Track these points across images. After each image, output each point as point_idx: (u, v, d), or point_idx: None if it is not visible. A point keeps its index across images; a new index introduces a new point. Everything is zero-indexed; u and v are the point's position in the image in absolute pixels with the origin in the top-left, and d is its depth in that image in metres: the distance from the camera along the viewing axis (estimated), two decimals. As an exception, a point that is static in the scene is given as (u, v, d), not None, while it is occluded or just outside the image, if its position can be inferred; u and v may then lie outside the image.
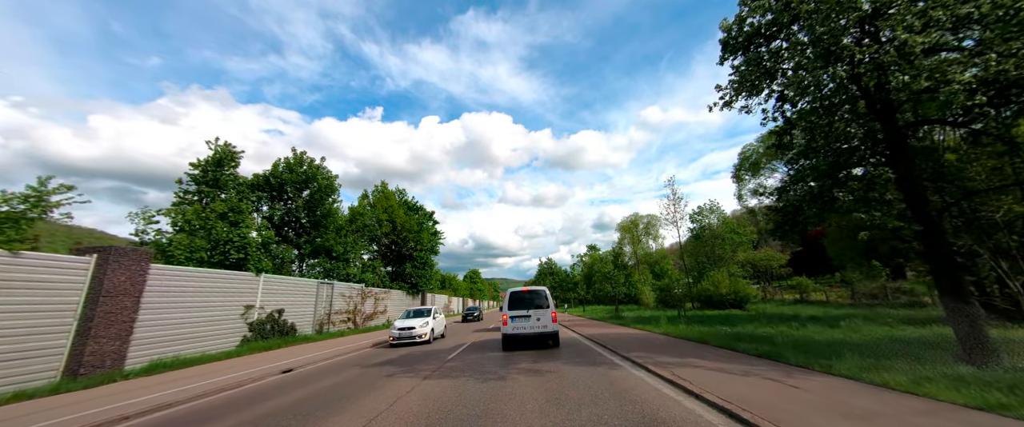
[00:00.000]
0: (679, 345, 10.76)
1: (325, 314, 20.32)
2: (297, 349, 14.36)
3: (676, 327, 15.08)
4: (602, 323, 21.25)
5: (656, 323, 18.35)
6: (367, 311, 25.16)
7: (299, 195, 23.24)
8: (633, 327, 17.17)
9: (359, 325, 23.85)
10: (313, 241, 22.86)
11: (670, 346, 10.62)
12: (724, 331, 13.29)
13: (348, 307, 22.73)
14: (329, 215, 23.89)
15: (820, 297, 29.88)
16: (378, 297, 26.95)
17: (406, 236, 32.48)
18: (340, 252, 23.94)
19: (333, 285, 21.07)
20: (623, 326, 18.47)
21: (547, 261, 60.93)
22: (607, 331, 15.56)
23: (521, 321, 11.78)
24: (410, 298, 33.92)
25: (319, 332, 19.46)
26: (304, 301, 18.50)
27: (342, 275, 23.84)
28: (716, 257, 32.41)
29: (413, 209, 35.48)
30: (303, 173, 22.92)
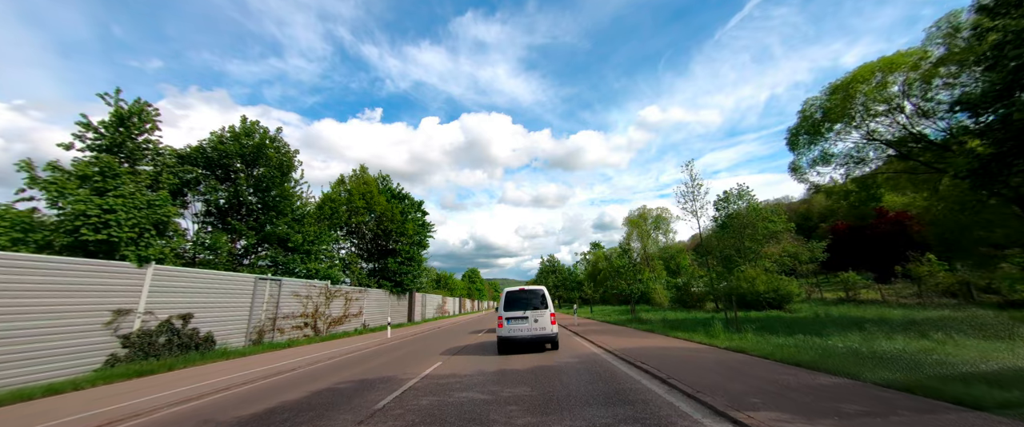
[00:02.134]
0: (791, 378, 5.94)
1: (267, 319, 15.55)
2: (197, 372, 9.62)
3: (733, 337, 10.33)
4: (624, 329, 16.43)
5: (693, 329, 13.58)
6: (334, 314, 20.41)
7: (251, 173, 18.52)
8: (672, 336, 12.36)
9: (322, 332, 19.10)
10: (262, 228, 18.12)
11: (779, 381, 5.82)
12: (814, 343, 8.59)
13: (305, 310, 17.98)
14: (284, 198, 19.14)
15: (872, 295, 25.05)
16: (350, 297, 22.19)
17: (388, 227, 27.74)
18: (298, 242, 19.18)
19: (280, 282, 16.31)
20: (655, 333, 13.67)
21: (549, 259, 56.16)
22: (642, 344, 10.75)
23: (518, 323, 10.76)
24: (395, 298, 29.16)
25: (257, 343, 14.70)
26: (231, 303, 13.75)
27: (302, 271, 19.08)
28: (745, 249, 27.51)
29: (398, 197, 30.75)
30: (252, 145, 18.21)
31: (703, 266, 32.94)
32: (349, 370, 9.28)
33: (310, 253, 20.02)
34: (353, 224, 26.82)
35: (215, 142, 17.66)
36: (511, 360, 9.48)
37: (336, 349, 14.18)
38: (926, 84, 13.76)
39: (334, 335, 19.51)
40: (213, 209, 18.29)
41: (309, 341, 17.23)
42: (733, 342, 9.62)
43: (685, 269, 42.64)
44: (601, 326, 19.03)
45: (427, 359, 10.65)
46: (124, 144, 14.00)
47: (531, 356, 10.05)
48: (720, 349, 8.97)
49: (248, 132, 18.33)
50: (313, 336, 18.28)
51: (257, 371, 9.51)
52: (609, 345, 10.62)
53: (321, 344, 16.31)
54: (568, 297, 61.16)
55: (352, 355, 12.63)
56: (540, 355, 10.17)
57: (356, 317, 23.01)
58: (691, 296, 34.67)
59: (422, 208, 33.46)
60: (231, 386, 7.73)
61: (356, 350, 13.85)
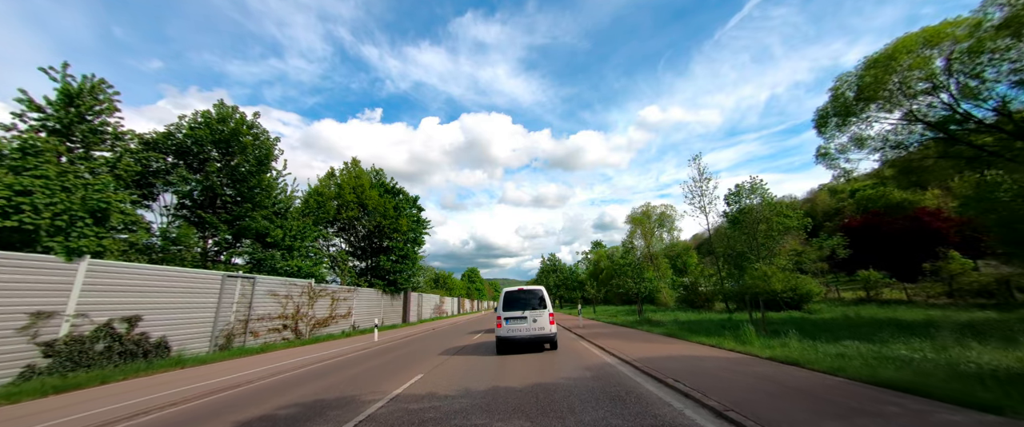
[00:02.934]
0: (901, 410, 4.21)
1: (239, 321, 13.86)
2: (133, 387, 7.92)
3: (772, 344, 8.61)
4: (635, 332, 14.69)
5: (717, 333, 11.86)
6: (318, 315, 18.72)
7: (227, 162, 16.82)
8: (693, 341, 10.61)
9: (305, 335, 17.41)
10: (235, 222, 16.42)
11: (890, 415, 4.09)
12: (882, 353, 6.91)
13: (284, 311, 16.28)
14: (263, 189, 17.46)
15: (896, 295, 23.28)
16: (337, 297, 20.50)
17: (381, 223, 26.04)
18: (278, 238, 17.49)
19: (254, 280, 14.62)
20: (673, 338, 11.92)
21: (550, 258, 54.43)
22: (663, 351, 9.01)
23: (516, 323, 10.56)
24: (388, 298, 27.46)
25: (224, 348, 13.00)
26: (192, 304, 12.04)
27: (282, 268, 17.39)
28: (758, 246, 25.77)
29: (392, 192, 29.04)
30: (226, 132, 16.51)
31: (712, 264, 31.22)
32: (308, 386, 7.56)
33: (292, 249, 18.33)
34: (344, 220, 25.13)
35: (185, 128, 15.97)
36: (505, 373, 7.77)
37: (313, 355, 12.48)
38: (976, 57, 12.02)
39: (318, 338, 17.82)
40: (187, 202, 16.62)
41: (288, 345, 15.54)
42: (775, 351, 7.89)
43: (692, 268, 40.91)
44: (608, 328, 17.29)
45: (407, 369, 8.94)
46: (74, 125, 12.32)
47: (531, 365, 8.37)
48: (764, 360, 7.24)
49: (223, 118, 16.64)
50: (293, 339, 16.58)
51: (200, 386, 7.79)
52: (625, 353, 8.90)
53: (300, 348, 14.63)
54: (569, 297, 59.35)
55: (325, 363, 10.92)
56: (541, 364, 8.49)
57: (344, 318, 21.32)
58: (699, 296, 32.92)
59: (418, 204, 31.76)
60: (149, 410, 6.02)
61: (333, 357, 12.15)
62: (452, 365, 9.33)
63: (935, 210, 32.28)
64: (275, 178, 19.23)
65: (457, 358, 10.60)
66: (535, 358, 9.63)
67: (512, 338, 10.41)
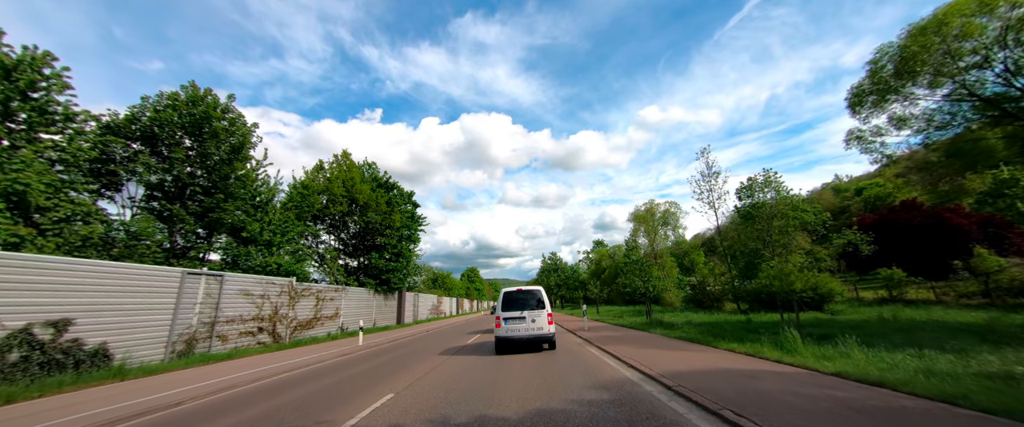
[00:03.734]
0: None
1: (203, 324, 12.21)
2: (40, 408, 6.28)
3: (831, 355, 6.95)
4: (649, 336, 13.00)
5: (748, 338, 10.22)
6: (301, 317, 17.09)
7: (200, 150, 15.19)
8: (723, 348, 8.92)
9: (284, 338, 15.77)
10: (207, 215, 14.80)
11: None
12: (964, 367, 5.26)
13: (260, 312, 14.64)
14: (238, 179, 15.83)
15: (923, 294, 21.57)
16: (322, 297, 18.86)
17: (372, 219, 24.39)
18: (255, 232, 15.86)
19: (222, 278, 12.97)
20: (697, 344, 10.23)
21: (551, 256, 52.77)
22: (695, 363, 7.29)
23: (515, 323, 10.41)
24: (381, 298, 25.81)
25: (184, 354, 11.36)
26: (144, 305, 10.40)
27: (258, 266, 15.76)
28: (772, 242, 24.07)
29: (385, 186, 27.40)
30: (196, 115, 14.87)
31: (722, 262, 29.53)
32: (246, 410, 5.91)
33: (272, 245, 16.70)
34: (333, 215, 23.50)
35: (150, 110, 14.34)
36: (499, 392, 6.13)
37: (283, 363, 10.84)
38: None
39: (299, 342, 16.17)
40: (157, 193, 15.00)
41: (263, 350, 13.92)
42: (836, 363, 6.24)
43: (699, 266, 39.23)
44: (617, 331, 15.62)
45: (378, 385, 7.30)
46: (11, 102, 10.71)
47: (530, 379, 6.74)
48: (831, 377, 5.57)
49: (194, 100, 15.01)
50: (271, 344, 14.95)
51: (117, 409, 6.15)
52: (647, 365, 7.21)
53: (275, 355, 13.00)
54: (571, 297, 57.62)
55: (290, 374, 9.29)
56: (544, 378, 6.86)
57: (331, 320, 19.68)
58: (707, 295, 31.23)
59: (413, 200, 30.13)
60: None
61: (304, 365, 10.51)
62: (436, 377, 7.68)
63: (955, 206, 30.61)
64: (254, 169, 17.64)
65: (444, 368, 8.96)
66: (536, 369, 8.00)
67: (511, 338, 10.36)
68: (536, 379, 7.01)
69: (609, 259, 61.32)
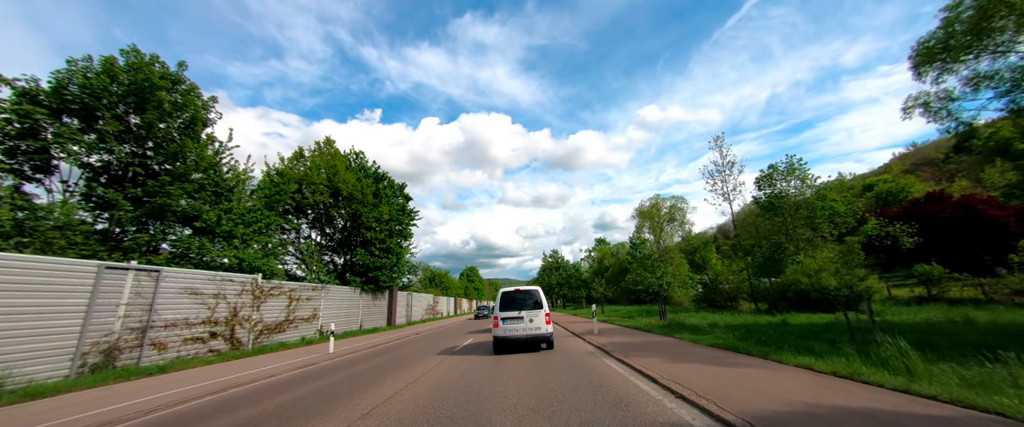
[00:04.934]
0: None
1: (130, 330, 9.84)
2: None
3: (967, 381, 4.61)
4: (682, 344, 10.52)
5: (808, 349, 7.90)
6: (268, 319, 14.76)
7: (147, 124, 12.80)
8: (809, 366, 6.42)
9: (246, 344, 13.44)
10: (148, 200, 12.44)
11: None
12: None
13: (213, 314, 12.28)
14: (191, 160, 13.49)
15: (970, 292, 19.20)
16: (296, 296, 16.51)
17: (358, 211, 22.04)
18: (212, 222, 13.51)
19: (159, 274, 10.61)
20: (748, 356, 7.84)
21: (552, 254, 50.39)
22: (788, 392, 4.81)
23: (513, 323, 10.36)
24: (368, 298, 23.46)
25: (101, 368, 9.01)
26: (35, 307, 8.05)
27: (213, 260, 13.43)
28: (796, 236, 21.72)
29: (373, 177, 25.03)
30: (138, 84, 12.50)
31: (740, 258, 27.16)
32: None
33: (234, 237, 14.36)
34: (312, 205, 21.15)
35: (79, 77, 11.96)
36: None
37: (224, 378, 8.50)
38: None
39: (264, 348, 13.85)
40: (102, 177, 12.65)
41: (217, 359, 11.59)
42: (995, 396, 3.89)
43: (712, 263, 36.85)
44: (634, 335, 13.25)
45: (319, 419, 4.96)
46: None
47: (537, 418, 4.43)
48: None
49: (135, 67, 12.65)
50: (228, 351, 12.61)
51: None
52: (710, 397, 4.63)
53: (228, 365, 10.69)
54: (573, 296, 55.19)
55: (227, 394, 6.95)
56: (553, 413, 4.55)
57: (307, 322, 17.33)
58: (721, 294, 28.87)
59: (405, 193, 27.78)
60: None
61: (246, 382, 8.16)
62: (402, 405, 5.35)
63: (988, 198, 28.26)
64: (218, 152, 15.32)
65: (423, 384, 6.62)
66: (543, 399, 5.66)
67: (509, 338, 10.30)
68: (543, 414, 4.67)
69: (612, 257, 58.98)
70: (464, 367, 8.84)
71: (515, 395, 5.92)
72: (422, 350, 13.10)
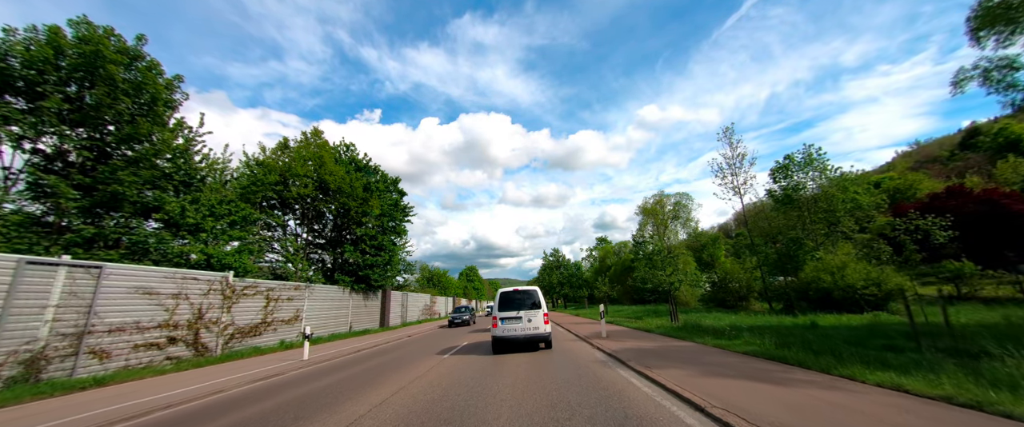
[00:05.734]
0: None
1: (62, 336, 8.34)
2: None
3: None
4: (715, 352, 8.82)
5: (885, 361, 6.35)
6: (243, 321, 13.27)
7: (95, 103, 11.29)
8: (910, 390, 4.75)
9: (214, 350, 11.93)
10: (104, 185, 10.94)
11: None
12: None
13: (172, 316, 10.77)
14: (149, 144, 11.99)
15: (1006, 292, 17.67)
16: (275, 296, 15.01)
17: (347, 205, 20.53)
18: (175, 213, 12.01)
19: (101, 271, 9.10)
20: (818, 373, 6.24)
21: (553, 252, 48.82)
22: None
23: (512, 323, 10.36)
24: (360, 298, 21.95)
25: (23, 381, 7.51)
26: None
27: (174, 254, 11.93)
28: (814, 231, 20.15)
29: (364, 170, 23.53)
30: (87, 57, 11.00)
31: (750, 255, 25.59)
32: None
33: (202, 230, 12.86)
34: (303, 199, 19.65)
35: (19, 48, 10.45)
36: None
37: (165, 394, 6.99)
38: None
39: (235, 354, 12.33)
40: (57, 163, 11.15)
41: (176, 368, 10.08)
42: None
43: (720, 261, 35.28)
44: (649, 339, 11.70)
45: None
46: None
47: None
48: None
49: (86, 39, 11.14)
50: (189, 358, 11.10)
51: None
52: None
53: (188, 374, 9.23)
54: (575, 296, 53.56)
55: (143, 420, 5.44)
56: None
57: (288, 324, 15.82)
58: (731, 293, 27.31)
59: (399, 187, 26.27)
60: None
61: (190, 399, 6.65)
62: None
63: (1012, 193, 26.73)
64: (189, 139, 13.85)
65: (390, 409, 5.11)
66: (544, 423, 4.17)
67: (508, 337, 10.33)
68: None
69: (614, 256, 57.35)
70: (449, 382, 7.32)
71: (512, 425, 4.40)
72: (420, 350, 11.57)
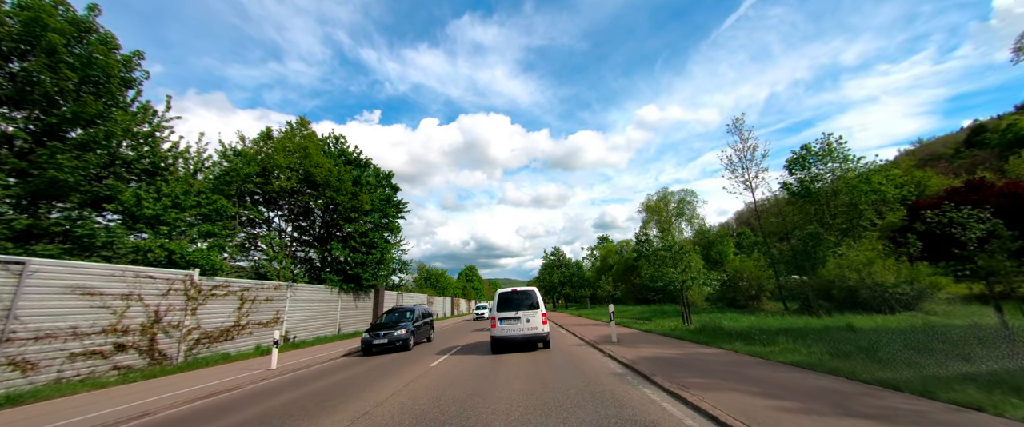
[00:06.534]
0: None
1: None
2: None
3: None
4: (776, 371, 7.27)
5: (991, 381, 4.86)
6: (211, 324, 11.82)
7: (36, 76, 9.81)
8: None
9: (175, 357, 10.49)
10: (39, 168, 9.48)
11: None
12: None
13: (118, 321, 9.31)
14: (98, 123, 10.54)
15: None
16: (249, 297, 13.56)
17: (335, 200, 19.07)
18: (130, 204, 10.56)
19: (22, 267, 7.65)
20: (925, 399, 4.80)
21: (554, 251, 47.33)
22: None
23: (511, 323, 10.46)
24: (349, 298, 20.49)
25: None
26: None
27: (123, 249, 10.48)
28: (834, 225, 18.68)
29: (354, 163, 22.07)
30: (28, 25, 9.54)
31: (763, 252, 24.11)
32: None
33: (162, 222, 11.40)
34: (285, 192, 18.19)
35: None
36: None
37: (78, 418, 5.52)
38: None
39: (201, 361, 10.87)
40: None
41: (123, 379, 8.67)
42: None
43: (729, 258, 33.77)
44: (668, 345, 10.22)
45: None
46: None
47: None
48: None
49: (25, 5, 9.70)
50: (144, 367, 9.65)
51: None
52: None
53: (133, 387, 7.86)
54: (576, 296, 52.02)
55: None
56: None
57: (266, 327, 14.36)
58: (741, 292, 25.81)
59: (392, 182, 24.81)
60: None
61: (125, 421, 5.19)
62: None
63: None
64: (156, 125, 12.43)
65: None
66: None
67: (506, 337, 10.40)
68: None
69: (616, 255, 55.82)
70: (431, 402, 5.85)
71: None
72: (394, 363, 10.09)
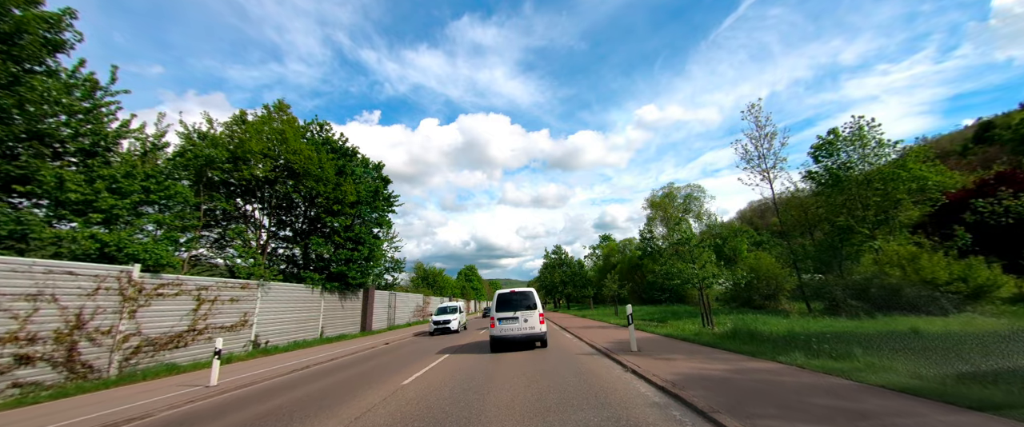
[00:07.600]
0: None
1: None
2: None
3: None
4: (923, 408, 5.54)
5: None
6: (156, 329, 9.95)
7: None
8: None
9: (105, 370, 8.64)
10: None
11: None
12: None
13: (21, 327, 7.44)
14: (12, 92, 8.69)
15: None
16: (208, 297, 11.69)
17: (316, 190, 17.19)
18: (49, 185, 8.70)
19: None
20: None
21: (556, 250, 45.44)
22: None
23: (509, 323, 10.53)
24: (336, 298, 18.60)
25: None
26: None
27: (41, 237, 8.62)
28: (869, 220, 16.75)
29: (339, 152, 20.19)
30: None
31: (785, 248, 22.20)
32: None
33: (94, 208, 9.53)
34: (268, 184, 16.32)
35: None
36: None
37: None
38: None
39: (139, 374, 8.99)
40: None
41: (21, 402, 6.80)
42: None
43: (743, 255, 31.84)
44: (706, 357, 8.29)
45: None
46: None
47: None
48: None
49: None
50: (61, 383, 7.79)
51: None
52: None
53: (34, 410, 5.90)
54: (578, 295, 50.08)
55: None
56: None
57: (232, 331, 12.50)
58: (757, 291, 23.89)
59: (383, 174, 22.95)
60: None
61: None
62: None
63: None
64: (97, 102, 10.61)
65: None
66: None
67: (505, 337, 10.48)
68: None
69: (619, 254, 53.90)
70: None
71: None
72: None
